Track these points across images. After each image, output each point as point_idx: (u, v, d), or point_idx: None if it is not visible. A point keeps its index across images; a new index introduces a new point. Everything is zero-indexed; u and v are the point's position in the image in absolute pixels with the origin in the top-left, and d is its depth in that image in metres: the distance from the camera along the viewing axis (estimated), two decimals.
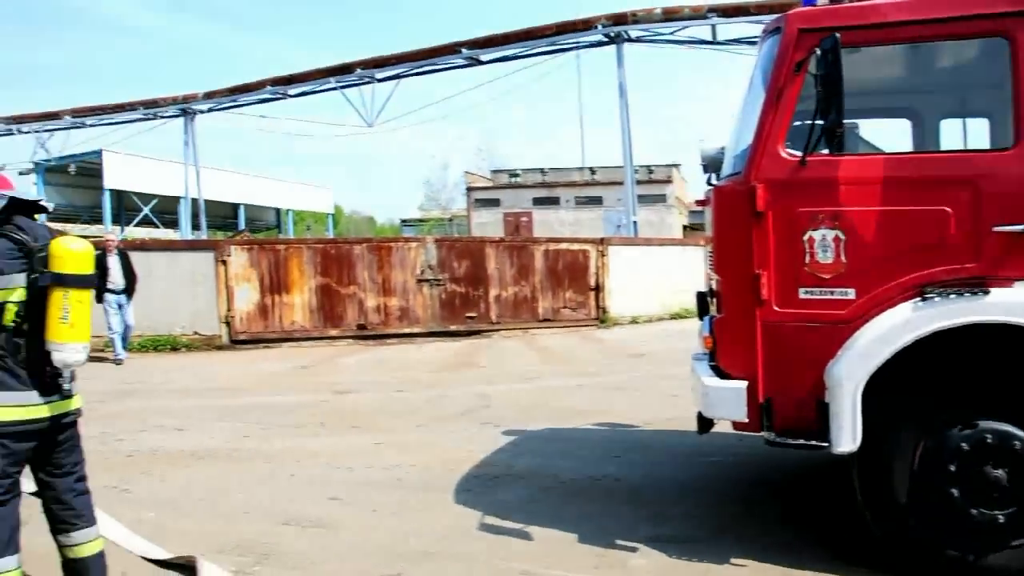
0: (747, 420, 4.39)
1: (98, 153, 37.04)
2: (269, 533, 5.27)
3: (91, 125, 36.32)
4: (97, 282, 3.95)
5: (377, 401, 10.03)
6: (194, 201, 37.07)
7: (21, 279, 3.74)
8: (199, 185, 36.38)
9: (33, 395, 3.77)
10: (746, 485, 6.16)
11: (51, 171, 38.57)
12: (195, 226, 37.53)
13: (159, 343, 15.21)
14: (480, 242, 18.14)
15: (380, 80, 29.21)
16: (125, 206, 41.25)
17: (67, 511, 4.00)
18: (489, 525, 5.31)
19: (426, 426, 8.51)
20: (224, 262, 15.75)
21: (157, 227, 40.66)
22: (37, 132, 37.13)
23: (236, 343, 15.77)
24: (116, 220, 39.13)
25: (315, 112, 70.21)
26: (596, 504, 5.71)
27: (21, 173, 36.44)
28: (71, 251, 3.76)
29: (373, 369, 12.97)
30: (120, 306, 13.64)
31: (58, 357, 3.73)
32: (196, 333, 15.76)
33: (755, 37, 22.45)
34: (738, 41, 24.41)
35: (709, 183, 5.14)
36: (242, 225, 45.43)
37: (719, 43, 24.70)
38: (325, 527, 5.39)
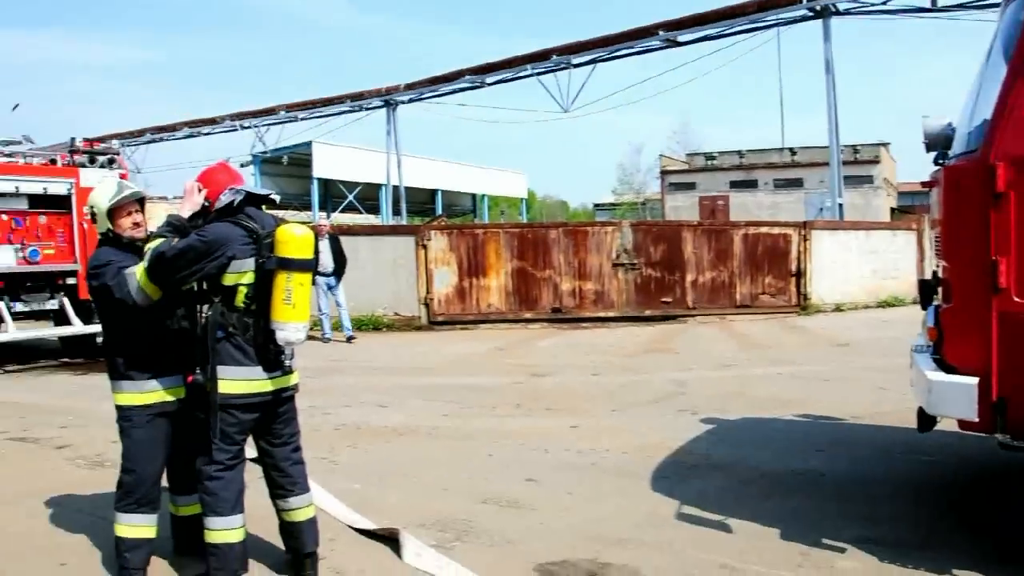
0: (977, 420, 4.00)
1: (308, 144, 39.67)
2: (467, 510, 5.39)
3: (303, 119, 38.58)
4: (315, 266, 4.18)
5: (572, 384, 10.06)
6: (395, 188, 38.63)
7: (251, 264, 4.02)
8: (400, 172, 37.84)
9: (258, 370, 4.05)
10: (965, 488, 5.70)
11: (266, 162, 41.42)
12: (395, 211, 39.14)
13: (362, 323, 15.92)
14: (677, 226, 17.79)
15: (576, 65, 29.17)
16: (331, 193, 43.74)
17: (284, 478, 4.28)
18: (686, 515, 5.18)
19: (621, 411, 8.45)
20: (424, 246, 16.31)
21: (360, 213, 42.79)
22: (256, 127, 39.93)
23: (434, 324, 16.32)
24: (323, 206, 41.59)
25: (511, 99, 71.31)
26: (799, 499, 5.46)
27: (242, 165, 39.36)
28: (295, 237, 3.99)
29: (567, 352, 13.03)
30: (330, 288, 14.36)
31: (281, 336, 3.97)
32: (397, 314, 16.44)
33: (983, 2, 20.65)
34: (961, 6, 22.44)
35: (937, 162, 4.72)
36: (439, 210, 46.91)
37: (939, 10, 22.77)
38: (521, 507, 5.45)
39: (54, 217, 12.32)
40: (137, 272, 4.06)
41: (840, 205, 24.42)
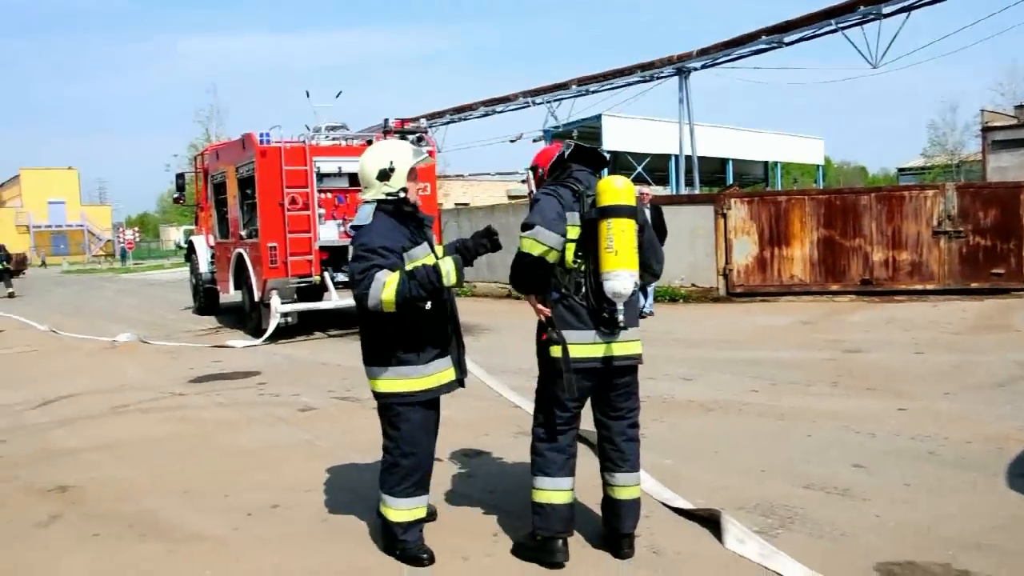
0: None
1: (598, 118, 39.98)
2: (789, 495, 4.98)
3: (593, 92, 38.71)
4: (637, 215, 3.97)
5: (893, 363, 9.15)
6: (687, 158, 37.82)
7: (576, 220, 3.95)
8: (692, 142, 36.95)
9: (591, 334, 3.95)
10: None
11: (557, 136, 42.08)
12: (687, 182, 38.38)
13: (658, 294, 15.59)
14: (1015, 187, 15.58)
15: (886, 15, 26.63)
16: (619, 165, 43.80)
17: (615, 452, 4.17)
18: None
19: (956, 395, 7.52)
20: (724, 215, 15.72)
21: (649, 184, 42.43)
22: (548, 102, 40.67)
23: (732, 296, 15.73)
24: None
25: (805, 60, 67.53)
26: None
27: (534, 140, 40.40)
28: (613, 187, 3.92)
29: (882, 327, 11.94)
30: None
31: (608, 286, 3.82)
32: (694, 285, 16.03)
33: None
34: None
35: None
36: (730, 180, 45.48)
37: None
38: (851, 497, 4.94)
39: None
40: (384, 283, 3.82)
41: None
